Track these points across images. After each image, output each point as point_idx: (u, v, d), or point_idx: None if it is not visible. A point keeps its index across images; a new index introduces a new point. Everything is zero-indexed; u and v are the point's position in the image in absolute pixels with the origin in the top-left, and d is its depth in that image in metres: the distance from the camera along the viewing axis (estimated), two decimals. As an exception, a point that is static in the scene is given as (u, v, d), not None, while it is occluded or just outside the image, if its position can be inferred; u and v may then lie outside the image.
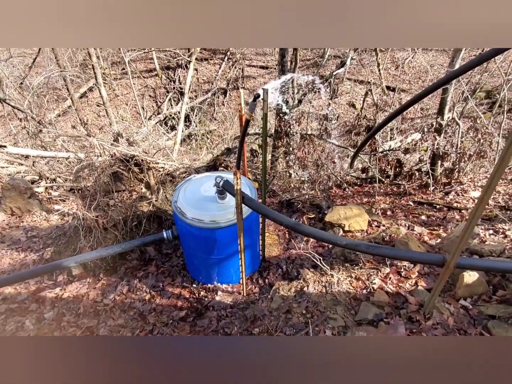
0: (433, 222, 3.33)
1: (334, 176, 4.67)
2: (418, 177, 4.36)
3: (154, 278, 3.09)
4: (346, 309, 2.12)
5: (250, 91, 13.21)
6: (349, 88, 12.74)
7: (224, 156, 4.10)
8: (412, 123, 7.21)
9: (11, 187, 4.02)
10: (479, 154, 3.93)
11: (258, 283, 2.99)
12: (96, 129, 10.26)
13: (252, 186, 2.69)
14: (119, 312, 2.73)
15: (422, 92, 1.96)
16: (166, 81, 13.74)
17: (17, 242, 3.58)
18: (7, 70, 10.03)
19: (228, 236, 2.53)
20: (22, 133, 9.15)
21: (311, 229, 1.92)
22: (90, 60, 8.59)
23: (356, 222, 3.17)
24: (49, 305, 2.78)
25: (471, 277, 2.07)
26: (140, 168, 3.14)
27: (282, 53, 4.66)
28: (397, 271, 2.40)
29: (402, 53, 13.35)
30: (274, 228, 3.68)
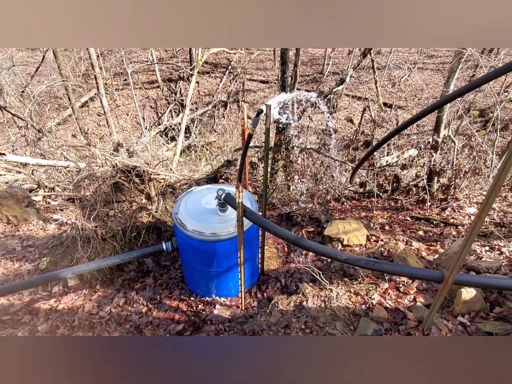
0: (430, 237, 3.36)
1: (333, 190, 4.71)
2: (415, 193, 4.41)
3: (152, 291, 3.06)
4: (346, 325, 2.12)
5: (250, 105, 13.41)
6: (347, 104, 12.99)
7: (224, 168, 4.14)
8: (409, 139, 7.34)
9: (8, 195, 4.00)
10: (474, 171, 4.00)
11: (257, 297, 2.97)
12: (96, 139, 10.30)
13: (253, 199, 2.71)
14: (115, 325, 2.68)
15: (421, 113, 2.01)
16: (168, 92, 13.93)
17: (11, 252, 3.52)
18: (8, 78, 10.11)
19: (228, 248, 2.53)
20: (20, 141, 9.15)
21: (312, 244, 1.94)
22: (92, 71, 8.70)
23: (355, 236, 3.19)
24: (42, 317, 2.72)
25: (469, 293, 2.08)
26: (141, 179, 3.16)
27: (283, 69, 4.77)
28: (396, 287, 2.41)
29: (398, 71, 13.71)
30: (273, 241, 3.68)
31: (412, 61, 13.82)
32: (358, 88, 13.60)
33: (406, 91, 13.23)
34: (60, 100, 11.85)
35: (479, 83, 1.64)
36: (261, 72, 15.08)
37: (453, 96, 1.99)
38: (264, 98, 13.59)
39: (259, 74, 15.03)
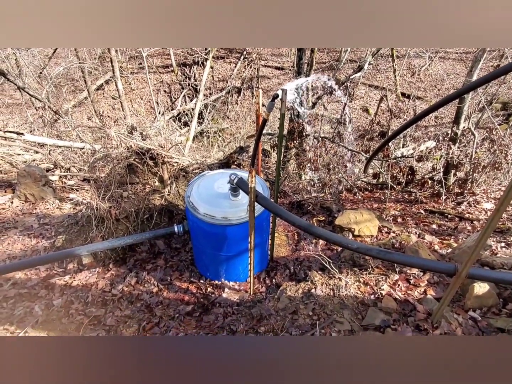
0: (444, 231, 3.30)
1: (345, 180, 4.65)
2: (431, 186, 4.31)
3: (162, 272, 3.13)
4: (353, 314, 2.12)
5: (264, 91, 13.23)
6: (364, 93, 12.67)
7: (237, 154, 4.13)
8: (426, 131, 7.14)
9: (26, 174, 4.11)
10: (494, 166, 3.88)
11: (265, 283, 3.00)
12: (111, 122, 10.40)
13: (265, 185, 2.71)
14: (127, 303, 2.76)
15: (441, 101, 1.94)
16: (182, 77, 13.85)
17: (29, 229, 3.64)
18: (27, 59, 10.23)
19: (238, 233, 2.54)
20: (38, 122, 9.32)
21: (323, 231, 1.93)
22: (108, 53, 8.71)
23: (366, 227, 3.16)
24: (58, 292, 2.82)
25: (482, 288, 2.05)
26: (154, 161, 3.18)
27: (299, 55, 4.67)
28: (406, 279, 2.39)
29: (418, 60, 13.23)
30: (283, 229, 3.69)
31: (433, 49, 13.30)
32: (375, 76, 13.22)
33: (426, 81, 12.79)
34: (76, 82, 11.95)
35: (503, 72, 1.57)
36: (276, 58, 14.80)
37: (473, 85, 1.91)
38: (279, 85, 13.38)
39: (274, 60, 14.76)
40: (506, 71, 1.59)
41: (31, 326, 2.40)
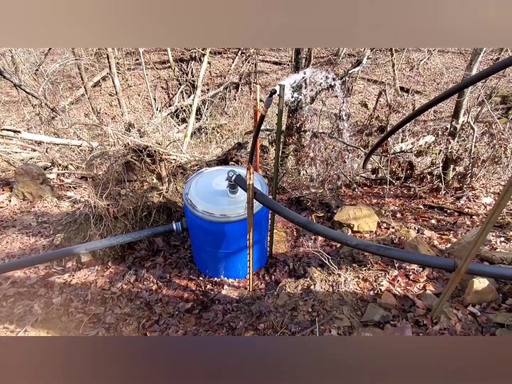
0: (443, 226, 3.29)
1: (344, 176, 4.64)
2: (430, 181, 4.30)
3: (162, 269, 3.12)
4: (353, 310, 2.12)
5: (262, 87, 13.15)
6: (362, 88, 12.61)
7: (235, 150, 4.11)
8: (425, 126, 7.11)
9: (24, 172, 4.08)
10: (493, 160, 3.86)
11: (265, 279, 3.00)
12: (108, 119, 10.33)
13: (264, 182, 2.69)
14: (126, 301, 2.76)
15: (440, 96, 1.92)
16: (179, 73, 13.75)
17: (27, 227, 3.63)
18: (23, 57, 10.13)
19: (237, 230, 2.54)
20: (35, 119, 9.25)
21: (322, 228, 1.92)
22: (105, 50, 8.63)
23: (365, 223, 3.15)
24: (57, 291, 2.82)
25: (481, 284, 2.05)
26: (152, 159, 3.16)
27: (297, 50, 4.63)
28: (405, 274, 2.39)
29: (417, 54, 13.15)
30: (282, 225, 3.68)
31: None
32: (374, 71, 13.14)
33: (425, 75, 12.71)
34: (73, 79, 11.85)
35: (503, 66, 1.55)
36: (274, 53, 14.69)
37: (473, 80, 1.89)
38: (277, 80, 13.30)
39: (272, 55, 14.65)
40: (505, 65, 1.57)
41: (31, 325, 2.40)
